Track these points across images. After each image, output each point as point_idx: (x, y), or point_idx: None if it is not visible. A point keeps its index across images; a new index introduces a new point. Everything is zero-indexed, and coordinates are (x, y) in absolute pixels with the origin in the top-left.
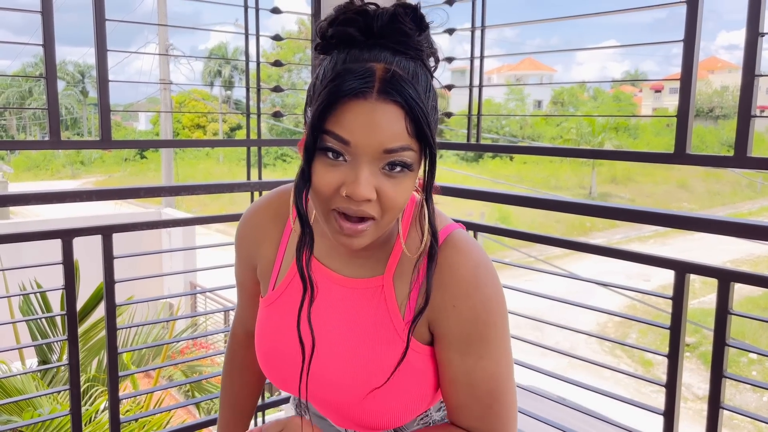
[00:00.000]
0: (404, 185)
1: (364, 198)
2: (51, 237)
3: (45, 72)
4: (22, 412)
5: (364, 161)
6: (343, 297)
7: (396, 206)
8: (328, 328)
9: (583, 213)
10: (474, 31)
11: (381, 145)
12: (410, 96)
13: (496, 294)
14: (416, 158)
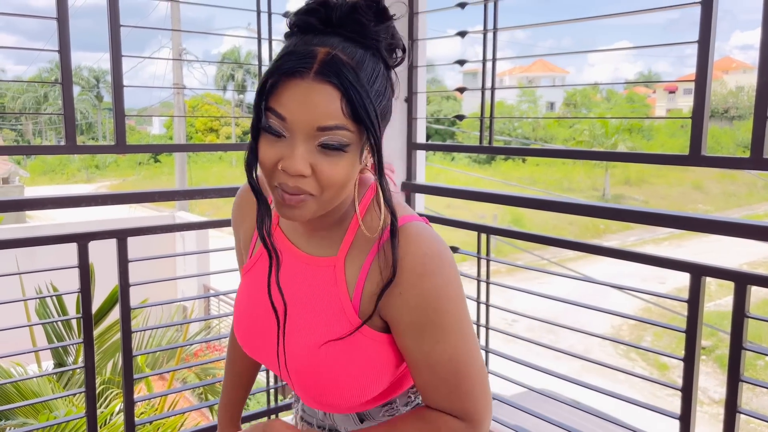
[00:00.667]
0: (341, 164)
1: (296, 172)
2: (67, 241)
3: (61, 78)
4: (38, 415)
5: (300, 138)
6: (302, 272)
7: (332, 184)
8: (292, 300)
9: (595, 215)
10: (486, 33)
11: (315, 123)
12: (347, 78)
13: (446, 283)
14: (354, 139)
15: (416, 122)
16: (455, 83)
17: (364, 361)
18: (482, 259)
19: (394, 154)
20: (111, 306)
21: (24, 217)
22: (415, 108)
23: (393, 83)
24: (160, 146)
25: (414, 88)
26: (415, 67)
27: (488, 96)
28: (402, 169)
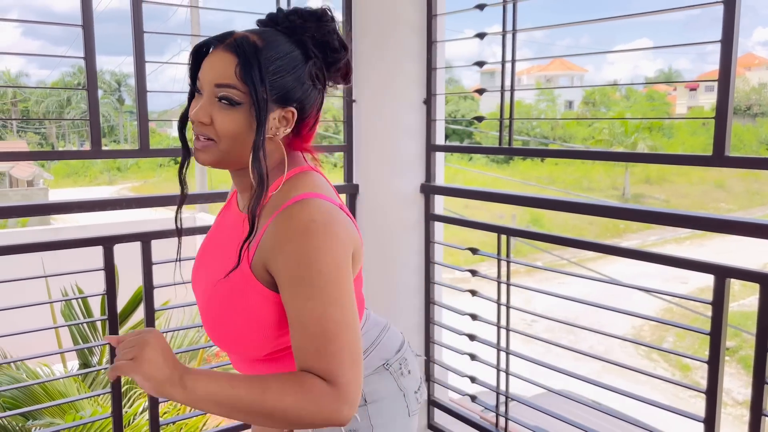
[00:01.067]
0: (232, 116)
1: (197, 119)
2: (92, 244)
3: (86, 84)
4: (64, 415)
5: (206, 94)
6: (231, 223)
7: (226, 133)
8: (214, 245)
9: (614, 216)
10: (505, 35)
11: (214, 80)
12: (246, 50)
13: (325, 248)
14: (245, 99)
15: (435, 124)
16: (472, 82)
17: (249, 311)
18: (502, 261)
19: (412, 155)
20: (134, 307)
21: (48, 219)
22: (434, 110)
23: (313, 73)
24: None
25: (433, 89)
26: (434, 69)
27: (507, 97)
28: (421, 171)
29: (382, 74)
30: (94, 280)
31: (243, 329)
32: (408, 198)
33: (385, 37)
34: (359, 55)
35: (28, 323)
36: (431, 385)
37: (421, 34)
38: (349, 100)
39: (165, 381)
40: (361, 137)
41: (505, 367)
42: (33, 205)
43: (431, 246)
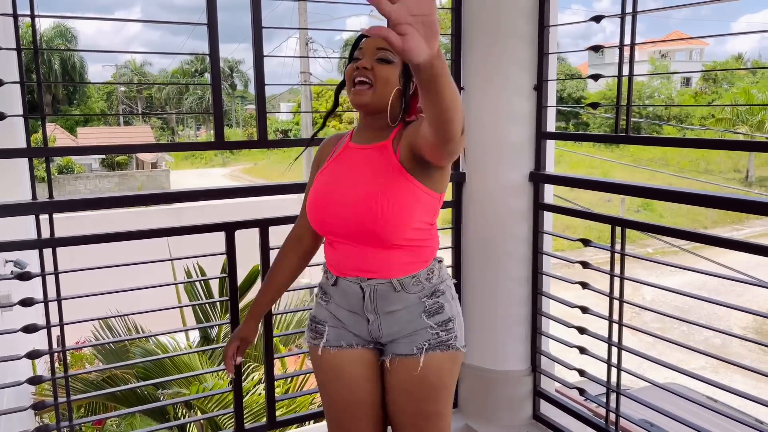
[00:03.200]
0: (388, 69)
1: (364, 64)
2: (216, 230)
3: (211, 79)
4: (189, 386)
5: (368, 54)
6: (361, 154)
7: (382, 78)
8: (355, 168)
9: (735, 209)
10: (624, 17)
11: (376, 45)
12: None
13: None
14: (397, 60)
15: (546, 111)
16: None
17: (402, 201)
18: (616, 253)
19: (521, 143)
20: (248, 287)
21: None
22: (545, 96)
23: None
24: (298, 141)
25: (544, 75)
26: (546, 54)
27: (624, 81)
28: (530, 159)
29: (492, 60)
30: (211, 259)
31: (396, 217)
32: (516, 187)
33: (495, 22)
34: (469, 41)
35: (155, 299)
36: (537, 375)
37: (533, 19)
38: (459, 88)
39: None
40: (470, 125)
41: (616, 362)
42: (164, 194)
43: (540, 236)
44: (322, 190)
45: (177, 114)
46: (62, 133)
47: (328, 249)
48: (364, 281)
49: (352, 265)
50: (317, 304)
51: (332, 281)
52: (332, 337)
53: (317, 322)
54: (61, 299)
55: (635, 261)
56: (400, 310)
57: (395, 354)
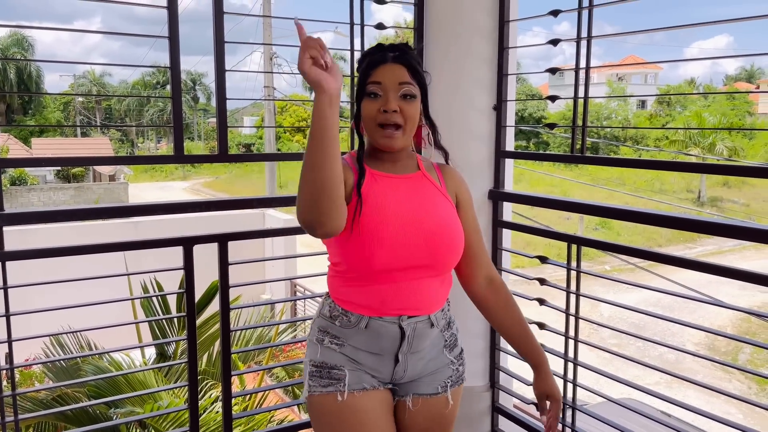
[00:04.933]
0: (414, 107)
1: (392, 109)
2: (173, 244)
3: (171, 92)
4: (143, 404)
5: (390, 92)
6: (406, 184)
7: (411, 118)
8: (399, 200)
9: (689, 229)
10: (580, 41)
11: (398, 80)
12: (409, 62)
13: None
14: (418, 93)
15: (505, 130)
16: (540, 80)
17: (458, 221)
18: (572, 270)
19: (481, 161)
20: (206, 303)
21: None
22: (504, 116)
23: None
24: (259, 155)
25: (503, 95)
26: (505, 75)
27: (580, 102)
28: (489, 177)
29: (452, 80)
30: (170, 275)
31: (460, 237)
32: (476, 204)
33: (456, 43)
34: (430, 61)
35: (111, 314)
36: (496, 391)
37: (492, 40)
38: None
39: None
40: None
41: (572, 378)
42: (121, 207)
43: (499, 253)
44: (393, 223)
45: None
46: (16, 144)
47: (360, 290)
48: (405, 320)
49: (397, 304)
50: (324, 349)
51: (361, 323)
52: (353, 380)
53: (331, 367)
54: (9, 315)
55: (594, 278)
56: (426, 347)
57: (417, 394)
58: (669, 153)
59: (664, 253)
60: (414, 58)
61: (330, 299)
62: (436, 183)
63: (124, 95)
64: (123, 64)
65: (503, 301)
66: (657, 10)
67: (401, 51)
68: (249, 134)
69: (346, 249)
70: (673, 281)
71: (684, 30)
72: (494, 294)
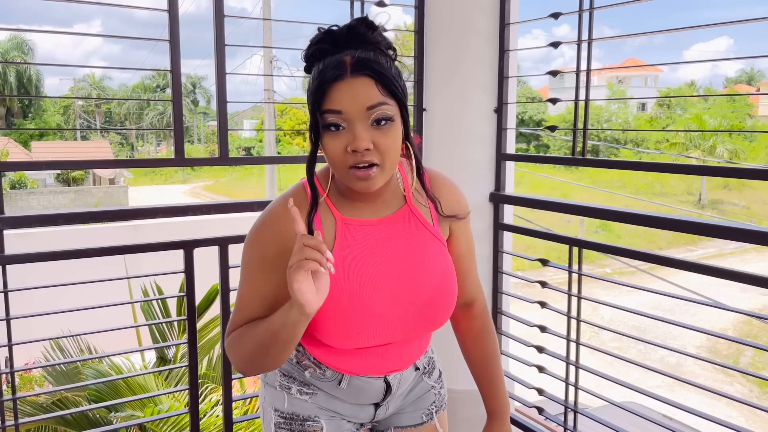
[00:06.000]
0: (392, 133)
1: (364, 147)
2: (174, 248)
3: (172, 96)
4: (144, 408)
5: (357, 122)
6: (389, 233)
7: (391, 151)
8: (385, 260)
9: (688, 231)
10: (580, 44)
11: (363, 105)
12: (375, 69)
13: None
14: (395, 111)
15: (506, 133)
16: (541, 83)
17: (453, 271)
18: (573, 273)
19: (482, 164)
20: (206, 306)
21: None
22: (505, 118)
23: (400, 71)
24: (259, 158)
25: (504, 98)
26: (506, 77)
27: (581, 104)
28: (490, 180)
29: (454, 83)
30: (170, 278)
31: (454, 284)
32: (477, 207)
33: (457, 46)
34: (430, 64)
35: (111, 318)
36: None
37: (493, 43)
38: (420, 108)
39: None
40: (431, 145)
41: (574, 381)
42: (121, 210)
43: (500, 255)
44: (376, 300)
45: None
46: (15, 147)
47: (334, 353)
48: (392, 375)
49: (384, 367)
50: (291, 398)
51: (340, 381)
52: (331, 430)
53: (304, 419)
54: (10, 318)
55: (595, 281)
56: (407, 384)
57: (399, 427)
58: (669, 155)
59: (665, 256)
60: (381, 54)
61: (300, 344)
62: (427, 222)
63: (124, 98)
64: (123, 67)
65: (477, 329)
66: (657, 12)
67: (359, 48)
68: (249, 137)
69: (316, 329)
70: (674, 284)
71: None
72: (469, 320)
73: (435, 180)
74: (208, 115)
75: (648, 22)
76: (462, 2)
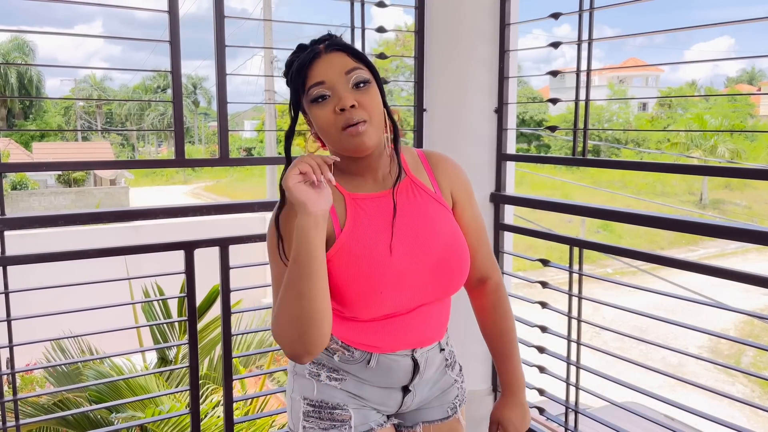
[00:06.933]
0: (371, 93)
1: (349, 104)
2: (174, 248)
3: (172, 96)
4: (144, 408)
5: (338, 85)
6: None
7: (374, 107)
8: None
9: (690, 231)
10: (581, 44)
11: (341, 71)
12: (345, 44)
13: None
14: (370, 76)
15: (506, 133)
16: (541, 83)
17: (460, 236)
18: (574, 273)
19: (482, 164)
20: (207, 307)
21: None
22: (506, 119)
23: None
24: (260, 159)
25: (505, 98)
26: (506, 77)
27: (581, 104)
28: (491, 180)
29: (454, 83)
30: (171, 278)
31: (468, 256)
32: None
33: (457, 47)
34: (431, 64)
35: (112, 319)
36: (498, 395)
37: (493, 43)
38: (420, 108)
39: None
40: (431, 146)
41: (575, 381)
42: (122, 211)
43: (501, 256)
44: (390, 267)
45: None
46: (17, 148)
47: (361, 328)
48: (419, 351)
49: (412, 339)
50: (320, 386)
51: (368, 361)
52: (359, 421)
53: (331, 407)
54: (11, 319)
55: (596, 281)
56: (433, 371)
57: (426, 422)
58: (670, 155)
59: (667, 256)
60: (343, 41)
61: None
62: (428, 188)
63: (125, 99)
64: (124, 68)
65: (489, 305)
66: (657, 12)
67: (329, 37)
68: (250, 138)
69: (342, 295)
70: (676, 284)
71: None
72: (482, 296)
73: (433, 157)
74: (209, 116)
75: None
76: (462, 3)
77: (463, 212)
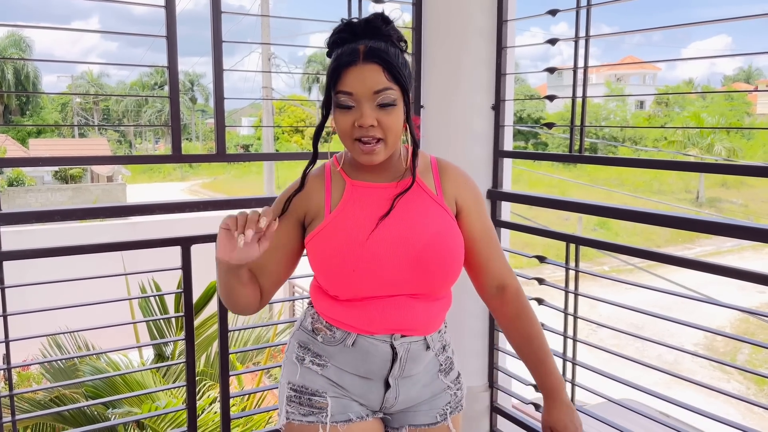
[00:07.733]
0: (394, 115)
1: (369, 124)
2: (171, 244)
3: (169, 92)
4: (141, 404)
5: (364, 102)
6: (392, 195)
7: (392, 129)
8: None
9: (688, 228)
10: (578, 41)
11: (371, 89)
12: (384, 58)
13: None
14: (398, 96)
15: (503, 130)
16: (539, 80)
17: (455, 236)
18: (570, 270)
19: (479, 161)
20: (204, 303)
21: None
22: (503, 115)
23: (408, 61)
24: (257, 155)
25: (502, 95)
26: (503, 74)
27: (578, 101)
28: (488, 177)
29: (451, 80)
30: (167, 275)
31: (456, 261)
32: None
33: (454, 43)
34: (428, 61)
35: (108, 315)
36: (494, 391)
37: (490, 40)
38: (418, 105)
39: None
40: (428, 142)
41: (571, 378)
42: (118, 207)
43: None
44: (370, 249)
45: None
46: (13, 144)
47: (343, 306)
48: (398, 339)
49: (388, 323)
50: (304, 370)
51: (347, 340)
52: (337, 410)
53: (311, 393)
54: (7, 315)
55: (593, 279)
56: (420, 371)
57: (413, 425)
58: (667, 153)
59: (663, 253)
60: (391, 45)
61: (313, 309)
62: (430, 190)
63: (122, 95)
64: (121, 63)
65: (513, 313)
66: (655, 10)
67: (373, 39)
68: (247, 135)
69: (319, 272)
70: (672, 281)
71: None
72: (503, 305)
73: (443, 164)
74: (206, 113)
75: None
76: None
77: (470, 221)
